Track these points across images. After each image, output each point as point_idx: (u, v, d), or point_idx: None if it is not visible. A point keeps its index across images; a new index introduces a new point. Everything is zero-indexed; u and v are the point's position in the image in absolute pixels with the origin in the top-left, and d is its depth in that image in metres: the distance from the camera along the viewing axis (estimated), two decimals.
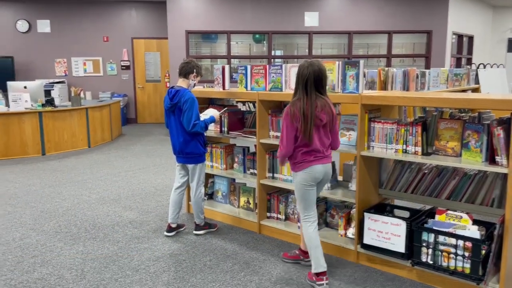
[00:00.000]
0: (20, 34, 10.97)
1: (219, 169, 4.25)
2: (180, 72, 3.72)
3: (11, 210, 4.52)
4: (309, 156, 2.86)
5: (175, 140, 3.73)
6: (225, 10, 9.63)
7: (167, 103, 3.68)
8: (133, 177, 5.90)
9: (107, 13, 11.24)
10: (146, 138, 9.25)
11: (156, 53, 11.66)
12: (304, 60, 2.95)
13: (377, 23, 9.95)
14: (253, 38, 10.25)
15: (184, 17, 9.57)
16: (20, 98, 7.18)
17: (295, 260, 3.29)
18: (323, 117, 2.81)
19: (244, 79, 3.92)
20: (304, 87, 2.82)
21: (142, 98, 11.80)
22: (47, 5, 10.94)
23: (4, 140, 7.05)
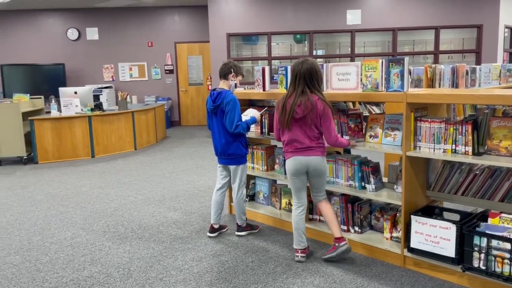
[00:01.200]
0: (71, 42, 11.52)
1: (260, 170, 4.25)
2: (220, 74, 3.76)
3: (63, 210, 4.74)
4: (289, 147, 3.24)
5: (217, 142, 3.76)
6: (265, 11, 9.64)
7: (209, 105, 3.72)
8: (177, 179, 6.02)
9: (151, 19, 11.57)
10: (189, 140, 9.42)
11: (198, 57, 11.86)
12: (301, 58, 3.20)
13: (423, 18, 9.61)
14: (294, 39, 10.19)
15: (225, 20, 9.67)
16: (71, 103, 7.52)
17: (334, 251, 3.25)
18: (298, 111, 3.09)
19: (285, 79, 3.90)
20: (293, 82, 3.15)
21: (185, 101, 12.04)
22: (95, 13, 11.42)
23: (57, 144, 7.41)
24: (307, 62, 3.13)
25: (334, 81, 3.48)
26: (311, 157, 3.19)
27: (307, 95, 3.08)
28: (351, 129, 3.49)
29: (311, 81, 3.11)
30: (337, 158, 3.61)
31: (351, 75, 3.36)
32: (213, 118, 3.76)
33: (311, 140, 3.18)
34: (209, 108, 3.74)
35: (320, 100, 3.10)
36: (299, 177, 3.26)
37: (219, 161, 3.85)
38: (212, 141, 3.83)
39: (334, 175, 3.63)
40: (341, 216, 3.61)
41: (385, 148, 3.26)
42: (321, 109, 3.09)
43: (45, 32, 11.46)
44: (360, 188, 3.46)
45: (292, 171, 3.24)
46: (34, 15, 11.34)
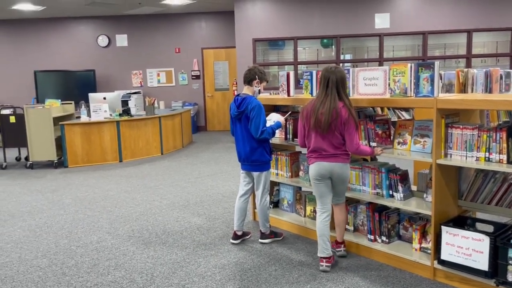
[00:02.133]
0: (101, 49, 11.80)
1: (284, 177, 4.19)
2: (244, 79, 3.73)
3: (90, 214, 4.81)
4: (313, 152, 3.24)
5: (241, 148, 3.73)
6: (292, 16, 9.60)
7: (233, 111, 3.70)
8: (201, 184, 6.02)
9: (179, 25, 11.72)
10: (215, 146, 9.45)
11: (224, 62, 11.92)
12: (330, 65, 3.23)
13: (454, 21, 9.34)
14: (321, 43, 10.09)
15: (251, 25, 9.69)
16: (100, 109, 7.68)
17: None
18: (320, 117, 3.08)
19: (310, 84, 3.83)
20: (324, 89, 3.13)
21: (211, 106, 12.11)
22: (125, 20, 11.66)
23: (86, 148, 7.57)
24: (339, 70, 3.13)
25: (361, 86, 3.39)
26: (335, 164, 3.17)
27: (333, 102, 3.06)
28: (378, 136, 3.39)
29: (343, 88, 3.11)
30: (363, 165, 3.52)
31: (379, 80, 3.27)
32: (236, 124, 3.73)
33: (336, 148, 3.16)
34: (233, 114, 3.72)
35: (345, 107, 3.07)
36: (322, 182, 3.23)
37: (242, 167, 3.81)
38: (236, 147, 3.80)
39: (360, 182, 3.53)
40: (367, 225, 3.51)
41: (414, 155, 3.14)
42: (345, 117, 3.06)
43: (77, 39, 11.79)
44: (387, 196, 3.36)
45: (316, 175, 3.23)
46: (66, 22, 11.68)
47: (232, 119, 3.78)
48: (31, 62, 11.73)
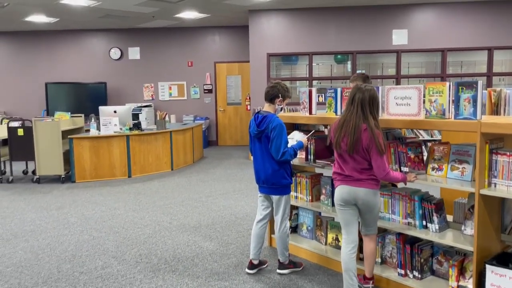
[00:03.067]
0: (113, 61, 11.69)
1: (304, 200, 3.90)
2: (266, 97, 3.47)
3: (96, 235, 4.55)
4: (337, 175, 3.00)
5: (260, 169, 3.46)
6: (307, 31, 9.40)
7: (253, 129, 3.44)
8: (213, 203, 5.75)
9: (192, 39, 11.59)
10: (226, 161, 9.19)
11: (237, 77, 11.74)
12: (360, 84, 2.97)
13: (474, 39, 9.06)
14: (335, 59, 9.87)
15: (266, 39, 9.50)
16: (110, 122, 7.48)
17: None
18: (343, 138, 2.85)
19: (334, 102, 3.57)
20: (348, 109, 2.88)
21: (223, 120, 11.90)
22: (137, 33, 11.57)
23: (95, 163, 7.36)
24: (368, 89, 2.86)
25: (392, 105, 3.12)
26: (360, 189, 2.88)
27: (356, 123, 2.80)
28: (410, 160, 3.10)
29: (370, 109, 2.83)
30: (393, 191, 3.22)
31: (412, 99, 3.00)
32: (256, 143, 3.47)
33: (360, 173, 2.88)
34: (252, 133, 3.46)
35: (368, 131, 2.78)
36: (347, 208, 2.95)
37: (261, 190, 3.54)
38: (254, 167, 3.53)
39: (389, 211, 3.23)
40: (397, 258, 3.19)
41: (451, 183, 2.84)
42: (366, 142, 2.78)
43: (89, 51, 11.71)
44: (420, 227, 3.05)
45: (339, 200, 2.96)
46: (79, 35, 11.62)
47: (251, 137, 3.52)
48: (42, 74, 11.65)
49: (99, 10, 8.99)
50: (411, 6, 9.09)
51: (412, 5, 9.06)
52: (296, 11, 9.34)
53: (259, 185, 3.53)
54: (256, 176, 3.52)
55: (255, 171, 3.52)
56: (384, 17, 9.19)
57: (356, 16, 9.25)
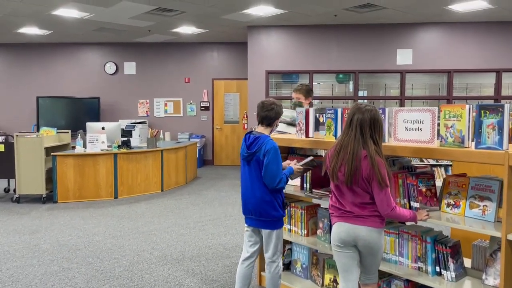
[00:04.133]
0: (108, 76, 11.35)
1: (298, 234, 3.45)
2: (263, 119, 3.04)
3: (66, 266, 4.08)
4: (335, 209, 2.57)
5: (248, 197, 3.01)
6: (307, 48, 9.07)
7: (243, 151, 3.03)
8: (201, 231, 5.28)
9: (189, 55, 11.27)
10: (221, 182, 8.74)
11: (235, 94, 11.38)
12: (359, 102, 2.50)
13: (481, 61, 8.71)
14: (336, 78, 9.52)
15: (265, 57, 9.17)
16: (97, 139, 7.07)
17: None
18: (340, 166, 2.44)
19: (334, 124, 3.15)
20: (346, 132, 2.48)
21: (219, 139, 11.49)
22: (134, 48, 11.26)
23: (79, 182, 6.91)
24: (369, 109, 2.44)
25: (400, 130, 2.70)
26: (361, 227, 2.44)
27: (355, 148, 2.40)
28: (421, 194, 2.66)
29: (371, 133, 2.41)
30: (401, 230, 2.77)
31: (425, 123, 2.58)
32: (245, 166, 3.05)
33: (362, 208, 2.44)
34: (242, 155, 3.04)
35: (368, 158, 2.36)
36: (345, 250, 2.50)
37: (248, 222, 3.08)
38: (241, 195, 3.09)
39: (396, 252, 2.78)
40: None
41: (470, 223, 2.41)
42: (366, 172, 2.37)
43: (83, 65, 11.38)
44: (433, 274, 2.59)
45: (336, 240, 2.52)
46: (73, 48, 11.31)
47: (242, 160, 3.09)
48: (34, 87, 11.31)
49: (93, 22, 8.69)
50: (416, 25, 8.77)
51: (417, 24, 8.75)
52: (297, 28, 9.03)
53: (246, 216, 3.09)
54: (243, 206, 3.08)
55: (242, 199, 3.08)
56: (388, 36, 8.87)
57: (359, 35, 8.92)
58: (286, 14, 7.99)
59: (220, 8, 7.53)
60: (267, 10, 7.66)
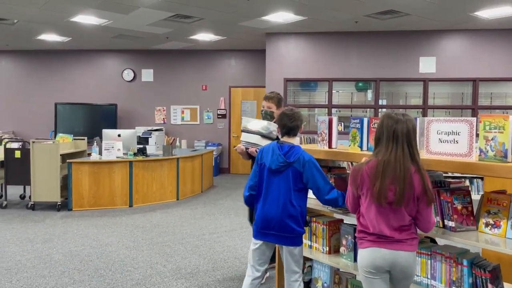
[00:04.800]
0: (125, 83, 11.36)
1: (320, 251, 3.24)
2: (287, 129, 2.90)
3: (77, 278, 3.95)
4: (368, 235, 2.30)
5: (273, 211, 2.79)
6: (327, 56, 8.88)
7: (275, 161, 2.80)
8: (217, 242, 5.11)
9: (207, 62, 11.21)
10: (237, 192, 8.57)
11: (252, 102, 11.25)
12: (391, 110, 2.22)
13: (509, 69, 8.38)
14: (356, 87, 9.30)
15: (283, 64, 9.01)
16: (113, 147, 6.99)
17: None
18: (389, 186, 2.19)
19: (359, 135, 2.96)
20: (387, 145, 2.23)
21: None
22: (151, 55, 11.25)
23: (94, 190, 6.83)
24: (409, 119, 2.25)
25: (433, 142, 2.49)
26: (401, 253, 2.24)
27: (406, 165, 2.18)
28: (457, 212, 2.44)
29: (412, 145, 2.23)
30: (433, 250, 2.55)
31: (461, 135, 2.36)
32: (272, 179, 2.82)
33: (400, 232, 2.25)
34: (274, 165, 2.81)
35: (419, 173, 2.19)
36: (378, 277, 2.29)
37: (266, 238, 2.86)
38: (261, 208, 2.85)
39: (428, 275, 2.55)
40: None
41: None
42: (419, 189, 2.18)
43: (101, 72, 11.42)
44: None
45: (369, 266, 2.29)
46: (92, 55, 11.37)
47: (263, 171, 2.87)
48: (53, 94, 11.38)
49: (111, 29, 8.68)
50: (440, 32, 8.51)
51: (441, 31, 8.49)
52: (316, 35, 8.86)
53: (262, 232, 2.85)
54: (261, 220, 2.85)
55: (261, 213, 2.85)
56: (410, 43, 8.62)
57: (380, 42, 8.70)
58: (306, 21, 7.84)
59: (239, 14, 7.42)
60: (286, 16, 7.52)
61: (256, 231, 2.89)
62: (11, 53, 11.47)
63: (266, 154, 2.88)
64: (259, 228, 2.87)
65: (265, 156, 2.87)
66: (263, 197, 2.87)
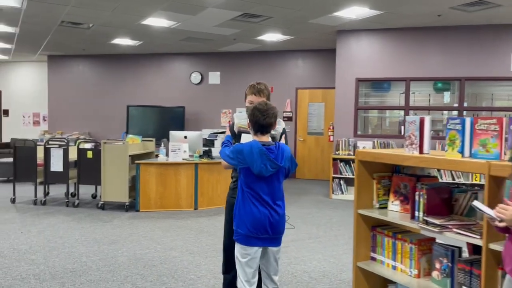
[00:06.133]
0: (193, 86, 11.43)
1: (406, 274, 2.78)
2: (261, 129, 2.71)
3: (140, 285, 3.80)
4: None
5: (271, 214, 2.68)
6: (404, 54, 8.21)
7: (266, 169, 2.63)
8: (283, 253, 4.71)
9: (273, 63, 10.95)
10: (303, 198, 8.18)
11: (320, 104, 10.79)
12: None
13: None
14: (434, 87, 8.52)
15: (355, 63, 8.48)
16: (179, 148, 6.92)
17: None
18: None
19: (460, 138, 2.47)
20: None
21: (302, 151, 10.95)
22: (218, 57, 11.22)
23: (161, 191, 6.80)
24: None
25: None
26: None
27: None
28: None
29: None
30: None
31: None
32: (265, 182, 2.67)
33: None
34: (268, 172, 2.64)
35: None
36: None
37: (260, 243, 2.69)
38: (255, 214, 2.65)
39: None
40: None
41: None
42: None
43: (171, 75, 11.60)
44: None
45: None
46: (162, 58, 11.58)
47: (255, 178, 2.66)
48: (125, 96, 11.74)
49: (180, 32, 8.70)
50: None
51: None
52: (392, 31, 8.23)
53: (257, 238, 2.67)
54: (258, 225, 2.65)
55: (256, 218, 2.66)
56: (501, 38, 7.71)
57: (465, 37, 7.88)
58: (382, 16, 7.28)
59: (309, 11, 7.05)
60: (360, 11, 7.03)
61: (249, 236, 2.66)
62: (87, 57, 12.02)
63: (249, 157, 2.61)
64: (255, 234, 2.65)
65: (248, 159, 2.61)
66: (256, 203, 2.67)
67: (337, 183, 8.27)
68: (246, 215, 2.67)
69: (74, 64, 12.16)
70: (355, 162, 3.04)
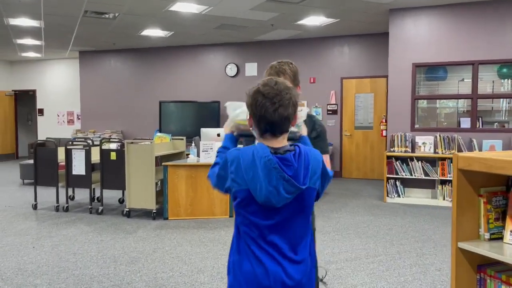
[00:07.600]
0: (228, 78, 10.63)
1: None
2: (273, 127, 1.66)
3: None
4: None
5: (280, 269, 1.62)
6: (470, 34, 6.97)
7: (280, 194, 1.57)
8: (337, 278, 3.83)
9: (315, 51, 9.94)
10: (353, 202, 7.18)
11: (368, 95, 9.68)
12: None
13: None
14: (498, 72, 7.27)
15: (412, 47, 7.34)
16: (212, 148, 6.11)
17: None
18: None
19: None
20: None
21: (349, 148, 9.90)
22: (255, 47, 10.34)
23: (191, 197, 6.03)
24: None
25: None
26: None
27: None
28: None
29: None
30: None
31: None
32: (278, 215, 1.62)
33: None
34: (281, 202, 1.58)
35: None
36: None
37: None
38: (255, 275, 1.63)
39: None
40: None
41: None
42: None
43: (205, 68, 10.85)
44: None
45: None
46: (195, 50, 10.85)
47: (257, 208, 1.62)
48: (157, 92, 11.14)
49: (212, 18, 7.89)
50: None
51: None
52: (455, 7, 7.02)
53: None
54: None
55: (260, 284, 1.62)
56: None
57: None
58: None
59: None
60: None
61: None
62: (118, 52, 11.49)
63: (248, 173, 1.58)
64: None
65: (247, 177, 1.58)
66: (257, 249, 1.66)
67: (393, 184, 7.20)
68: (243, 275, 1.66)
69: (105, 60, 11.68)
70: (453, 171, 2.07)
